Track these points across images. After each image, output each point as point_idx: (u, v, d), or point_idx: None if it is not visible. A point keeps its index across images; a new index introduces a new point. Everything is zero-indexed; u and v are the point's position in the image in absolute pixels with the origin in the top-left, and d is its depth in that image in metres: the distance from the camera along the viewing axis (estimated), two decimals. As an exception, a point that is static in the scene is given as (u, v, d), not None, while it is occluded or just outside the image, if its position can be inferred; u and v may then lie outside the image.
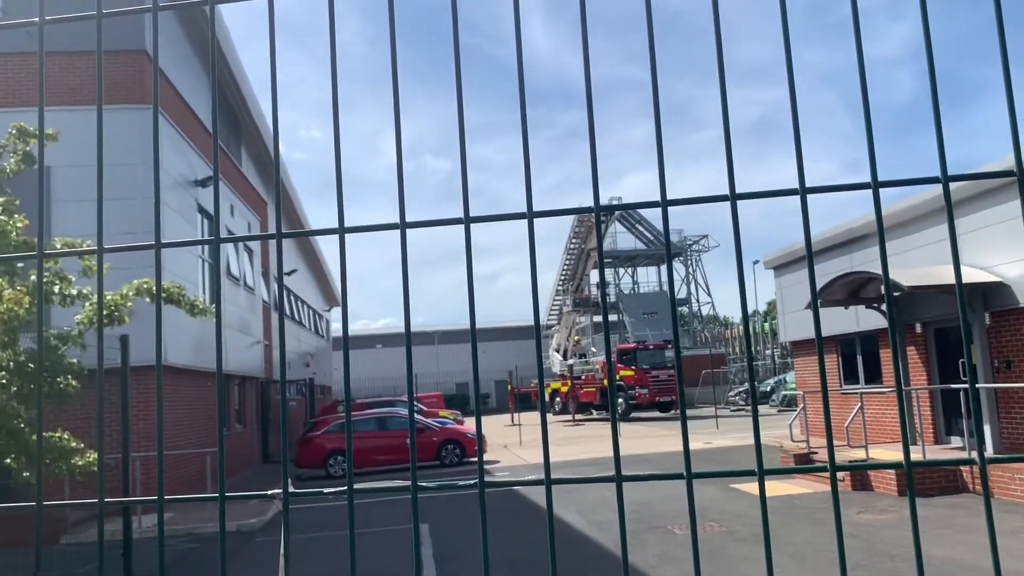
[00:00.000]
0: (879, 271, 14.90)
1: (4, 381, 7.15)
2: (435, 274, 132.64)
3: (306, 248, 39.64)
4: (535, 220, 1.37)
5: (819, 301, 16.47)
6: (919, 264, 15.19)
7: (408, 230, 1.37)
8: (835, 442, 17.63)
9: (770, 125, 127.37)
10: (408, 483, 1.35)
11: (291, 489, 1.39)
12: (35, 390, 7.37)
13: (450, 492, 15.23)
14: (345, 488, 1.33)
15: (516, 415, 39.43)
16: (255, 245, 25.49)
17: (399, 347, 67.08)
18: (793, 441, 18.46)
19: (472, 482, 1.38)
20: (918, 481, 13.28)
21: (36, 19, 1.38)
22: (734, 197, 1.36)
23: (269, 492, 1.60)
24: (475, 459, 23.58)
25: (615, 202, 43.07)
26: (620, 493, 1.36)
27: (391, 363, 64.14)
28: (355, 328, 70.03)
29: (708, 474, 1.40)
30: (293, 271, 33.67)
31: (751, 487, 14.54)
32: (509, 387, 46.98)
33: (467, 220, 1.37)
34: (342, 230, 1.39)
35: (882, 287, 14.45)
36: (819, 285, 16.57)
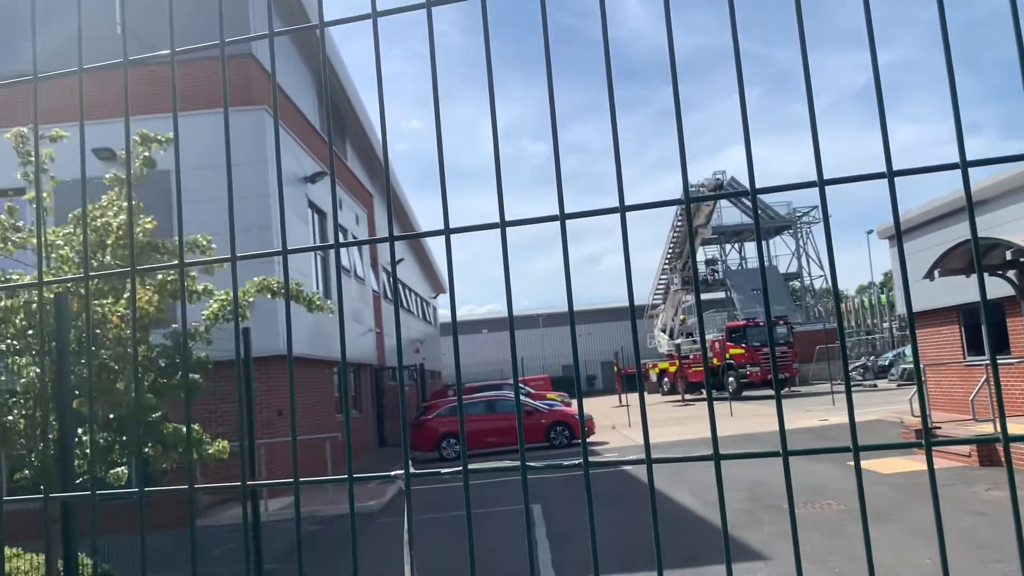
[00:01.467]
0: (1003, 236, 14.09)
1: (140, 376, 7.65)
2: (537, 258, 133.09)
3: (411, 239, 40.43)
4: (627, 213, 1.42)
5: (938, 270, 15.77)
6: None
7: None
8: (960, 416, 16.90)
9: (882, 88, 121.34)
10: (518, 463, 1.43)
11: (411, 470, 1.49)
12: (167, 384, 7.87)
13: (556, 472, 15.42)
14: (460, 468, 1.42)
15: (623, 396, 39.30)
16: (364, 236, 26.24)
17: (505, 331, 67.77)
18: (914, 416, 17.76)
19: (577, 462, 1.44)
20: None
21: (166, 51, 1.51)
22: (822, 183, 1.38)
23: (392, 472, 1.71)
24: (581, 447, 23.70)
25: (718, 176, 42.19)
26: (719, 472, 1.40)
27: (497, 347, 64.90)
28: (461, 314, 71.16)
29: (803, 451, 1.42)
30: (400, 260, 34.47)
31: (870, 464, 14.09)
32: (616, 368, 46.82)
33: (563, 216, 1.43)
34: (448, 231, 1.47)
35: (1008, 252, 13.70)
36: (938, 253, 15.82)
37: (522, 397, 25.62)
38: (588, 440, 23.88)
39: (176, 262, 1.61)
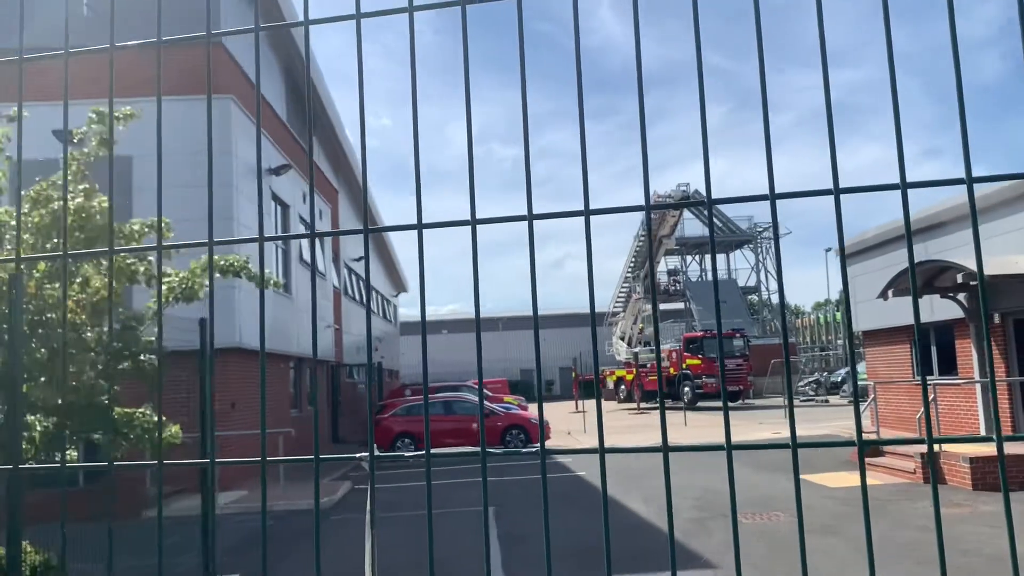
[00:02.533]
0: (954, 260, 14.43)
1: (92, 360, 7.52)
2: (501, 261, 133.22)
3: (375, 236, 40.28)
4: (591, 217, 1.45)
5: (891, 291, 16.12)
6: (999, 253, 14.71)
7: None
8: (907, 433, 17.25)
9: (845, 108, 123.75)
10: (478, 448, 1.46)
11: (376, 453, 1.51)
12: (122, 369, 7.75)
13: (513, 461, 15.39)
14: (423, 452, 1.45)
15: (580, 402, 39.48)
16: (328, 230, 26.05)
17: (465, 333, 67.69)
18: (864, 432, 18.10)
19: (535, 449, 1.48)
20: (996, 474, 12.91)
21: (154, 39, 1.51)
22: (773, 197, 1.46)
23: (357, 455, 1.73)
24: (539, 444, 23.81)
25: (683, 188, 42.48)
26: (667, 462, 1.44)
27: (456, 349, 64.75)
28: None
29: (746, 446, 1.47)
30: (363, 258, 34.26)
31: (822, 478, 14.35)
32: (573, 374, 47.02)
33: (531, 217, 1.47)
34: (420, 226, 1.50)
35: (958, 276, 14.06)
36: (894, 273, 16.18)
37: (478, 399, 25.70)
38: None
39: (155, 246, 1.62)
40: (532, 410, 31.37)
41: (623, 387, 44.36)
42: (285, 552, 10.76)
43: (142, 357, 7.97)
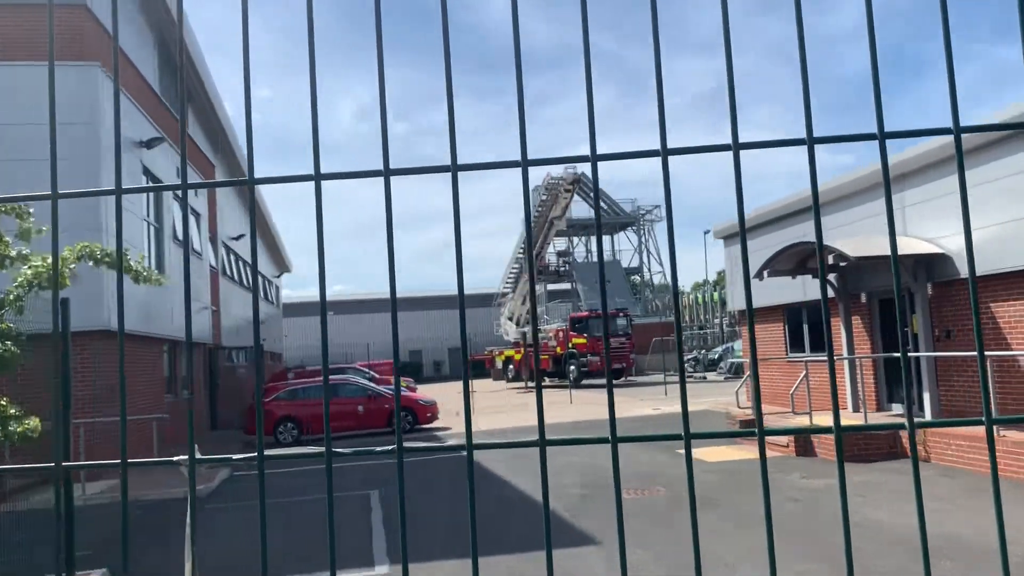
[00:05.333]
0: (826, 242, 15.07)
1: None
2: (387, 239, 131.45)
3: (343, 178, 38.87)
4: (459, 173, 1.36)
5: (767, 271, 16.73)
6: (867, 234, 15.47)
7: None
8: (781, 409, 18.01)
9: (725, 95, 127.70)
10: (322, 449, 1.33)
11: (198, 456, 1.37)
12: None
13: (367, 461, 15.13)
14: (255, 455, 1.31)
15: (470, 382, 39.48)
16: (203, 209, 24.96)
17: (351, 314, 66.72)
18: (740, 407, 18.82)
19: (391, 448, 1.37)
20: (860, 447, 13.64)
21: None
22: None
23: (175, 459, 1.56)
24: (426, 426, 23.64)
25: (579, 172, 42.87)
26: (543, 456, 1.35)
27: (341, 331, 63.68)
28: (306, 295, 69.33)
29: (633, 438, 1.39)
30: (242, 236, 33.08)
31: (699, 453, 14.80)
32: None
33: (387, 172, 1.37)
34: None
35: (830, 257, 14.70)
36: (767, 255, 16.80)
37: (365, 382, 25.21)
38: (431, 426, 23.83)
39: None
40: (421, 391, 31.15)
41: (511, 367, 44.68)
42: (156, 543, 10.26)
43: (1, 344, 7.41)
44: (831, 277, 16.70)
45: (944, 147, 13.46)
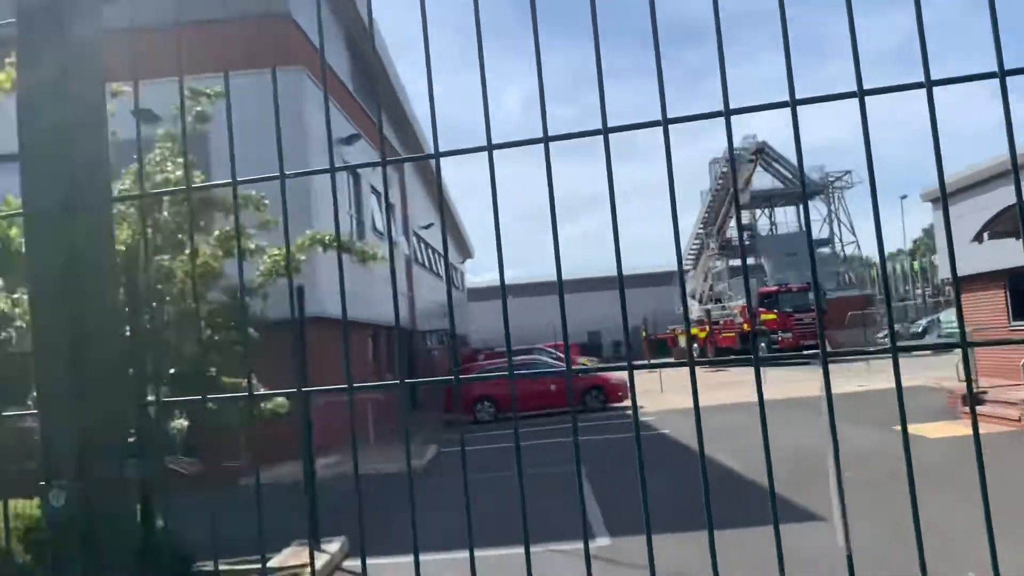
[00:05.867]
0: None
1: (200, 331, 7.68)
2: (563, 223, 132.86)
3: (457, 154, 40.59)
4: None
5: (987, 232, 15.48)
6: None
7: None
8: (1009, 382, 16.61)
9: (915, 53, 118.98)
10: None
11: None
12: (226, 338, 7.89)
13: (598, 419, 15.38)
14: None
15: (651, 361, 39.21)
16: (395, 200, 26.18)
17: (531, 297, 67.76)
18: (960, 381, 17.55)
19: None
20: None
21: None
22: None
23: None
24: (617, 404, 23.67)
25: (750, 140, 41.32)
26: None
27: (523, 313, 64.77)
28: (486, 280, 71.10)
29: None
30: (431, 225, 34.42)
31: (917, 429, 13.95)
32: (644, 333, 46.73)
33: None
34: (490, 147, 1.56)
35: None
36: (987, 216, 15.53)
37: (553, 361, 25.59)
38: (621, 405, 23.85)
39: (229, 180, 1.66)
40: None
41: (696, 345, 43.91)
42: (387, 516, 10.93)
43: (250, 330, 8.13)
44: (1064, 237, 15.20)
45: None
